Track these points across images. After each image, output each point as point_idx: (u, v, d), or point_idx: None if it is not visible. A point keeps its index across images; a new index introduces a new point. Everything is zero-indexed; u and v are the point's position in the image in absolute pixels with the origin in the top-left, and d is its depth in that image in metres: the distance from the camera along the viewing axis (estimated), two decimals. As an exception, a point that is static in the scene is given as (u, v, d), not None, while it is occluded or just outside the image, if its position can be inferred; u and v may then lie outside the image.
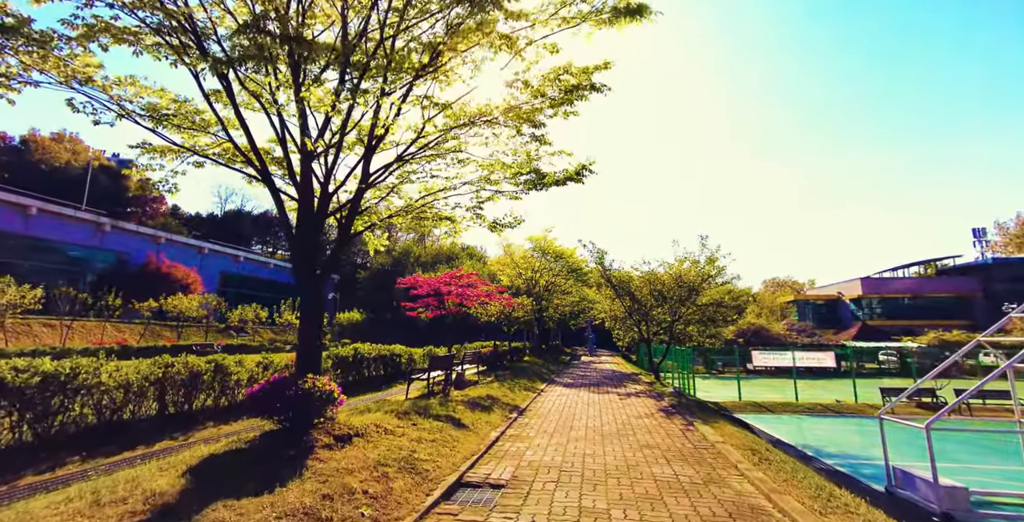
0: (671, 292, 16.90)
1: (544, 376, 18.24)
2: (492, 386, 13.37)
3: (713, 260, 16.87)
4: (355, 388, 12.87)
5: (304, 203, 6.04)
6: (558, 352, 39.10)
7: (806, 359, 21.75)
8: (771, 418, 17.96)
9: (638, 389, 15.17)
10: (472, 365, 16.43)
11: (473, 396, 11.20)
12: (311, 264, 6.16)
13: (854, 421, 17.51)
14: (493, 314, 19.31)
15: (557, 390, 14.43)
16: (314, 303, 6.28)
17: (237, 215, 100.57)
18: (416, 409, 8.56)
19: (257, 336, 50.65)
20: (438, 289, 13.20)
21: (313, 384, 5.46)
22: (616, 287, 17.99)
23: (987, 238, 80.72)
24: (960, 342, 38.65)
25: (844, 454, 12.16)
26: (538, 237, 29.55)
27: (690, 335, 18.07)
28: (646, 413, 10.27)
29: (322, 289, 6.38)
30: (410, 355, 16.60)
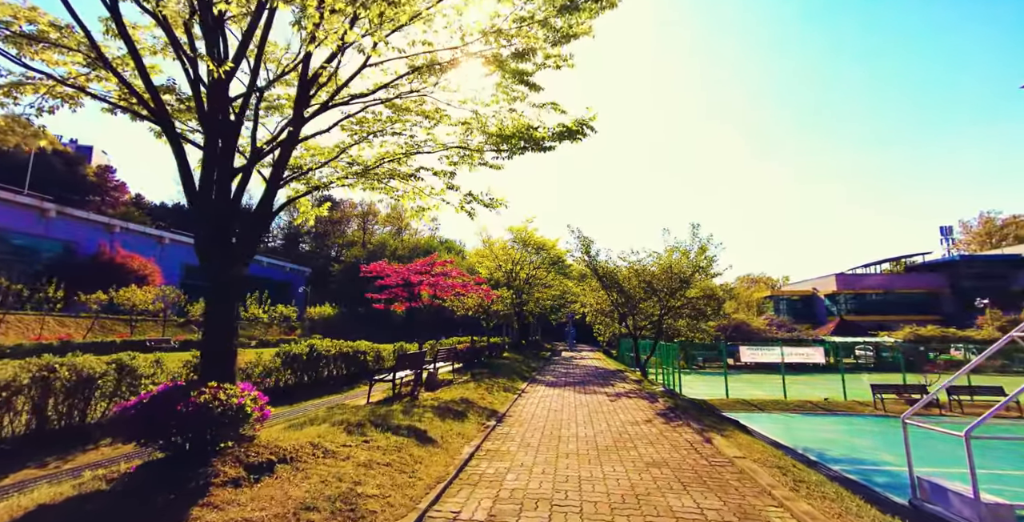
0: (661, 284, 15.77)
1: (525, 374, 16.92)
2: (468, 387, 11.96)
3: (704, 249, 15.80)
4: (310, 390, 11.28)
5: (212, 150, 4.48)
6: (538, 347, 37.93)
7: (794, 355, 21.06)
8: (763, 417, 17.10)
9: (627, 388, 13.99)
10: (446, 363, 14.99)
11: (445, 399, 9.77)
12: (223, 235, 4.62)
13: (847, 420, 16.77)
14: (471, 307, 17.86)
15: (540, 390, 13.13)
16: (226, 288, 4.75)
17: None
18: (374, 418, 7.08)
19: (221, 331, 47.99)
20: (408, 279, 11.66)
21: (215, 395, 3.95)
22: (602, 278, 16.76)
23: (953, 236, 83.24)
24: (934, 337, 39.10)
25: (849, 458, 11.21)
26: (519, 227, 28.21)
27: (679, 330, 17.00)
28: (643, 418, 9.02)
29: (240, 269, 4.86)
30: (377, 352, 15.03)
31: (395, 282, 11.82)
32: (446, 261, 12.11)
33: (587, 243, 16.88)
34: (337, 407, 9.04)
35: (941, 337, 38.29)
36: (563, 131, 5.57)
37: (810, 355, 20.91)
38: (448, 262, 12.15)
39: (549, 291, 30.38)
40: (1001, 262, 62.73)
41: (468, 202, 6.51)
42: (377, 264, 11.53)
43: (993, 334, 37.47)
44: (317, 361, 11.57)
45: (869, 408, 18.63)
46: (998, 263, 62.63)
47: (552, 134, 5.65)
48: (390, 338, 42.75)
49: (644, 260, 16.47)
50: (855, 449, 12.26)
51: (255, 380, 9.41)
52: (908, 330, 39.60)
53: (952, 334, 37.89)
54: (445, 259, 12.31)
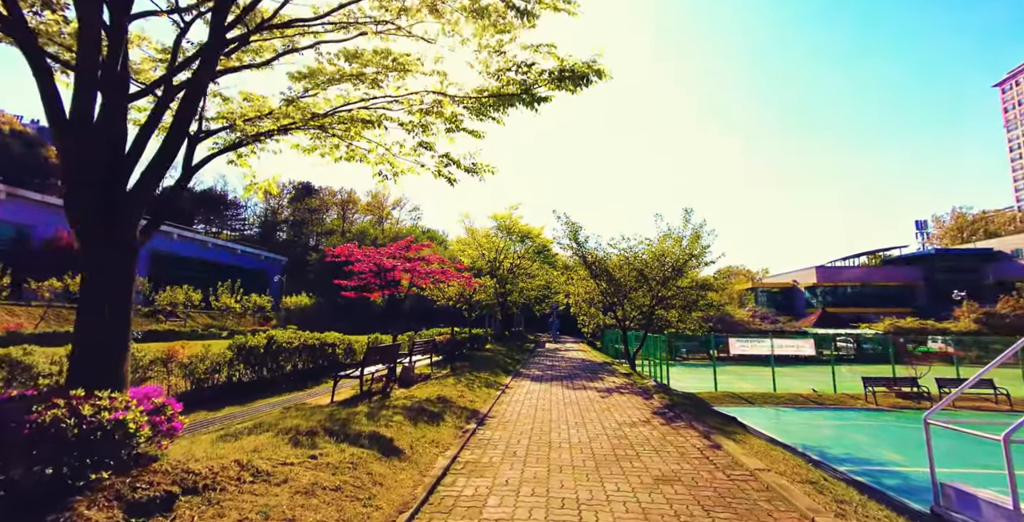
0: (653, 272, 14.88)
1: (508, 367, 15.94)
2: (447, 382, 10.90)
3: (698, 236, 14.94)
4: (269, 388, 10.06)
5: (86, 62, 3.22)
6: (522, 339, 37.07)
7: (785, 347, 20.54)
8: (754, 412, 16.48)
9: (617, 383, 13.12)
10: (424, 356, 13.89)
11: (420, 398, 8.69)
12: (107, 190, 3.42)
13: (840, 414, 16.26)
14: (452, 296, 16.76)
15: (525, 385, 12.15)
16: (110, 267, 3.54)
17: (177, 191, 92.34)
18: (331, 423, 5.97)
19: (190, 321, 45.90)
20: (381, 264, 10.47)
21: (75, 409, 2.80)
22: (591, 266, 15.82)
23: (928, 230, 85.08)
24: (913, 329, 39.50)
25: (852, 458, 10.54)
26: (503, 215, 27.06)
27: (669, 321, 16.20)
28: (641, 418, 8.09)
29: (128, 236, 3.66)
30: (349, 345, 13.81)
31: (367, 268, 10.62)
32: (423, 245, 10.94)
33: (575, 229, 15.88)
34: (294, 408, 7.88)
35: (920, 329, 38.65)
36: (563, 73, 4.43)
37: (801, 347, 20.42)
38: (426, 246, 10.98)
39: (533, 281, 29.41)
40: (974, 256, 64.13)
41: (446, 165, 5.38)
42: (344, 247, 10.30)
43: (970, 326, 38.03)
44: (277, 354, 10.34)
45: (860, 401, 18.22)
46: (971, 257, 64.02)
47: (549, 77, 4.52)
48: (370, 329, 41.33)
49: (635, 247, 15.57)
50: (856, 447, 11.62)
51: (200, 376, 8.17)
52: (888, 322, 39.92)
53: (931, 326, 38.29)
54: (423, 242, 11.15)
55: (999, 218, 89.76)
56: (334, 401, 8.72)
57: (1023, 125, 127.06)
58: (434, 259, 11.94)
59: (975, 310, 38.83)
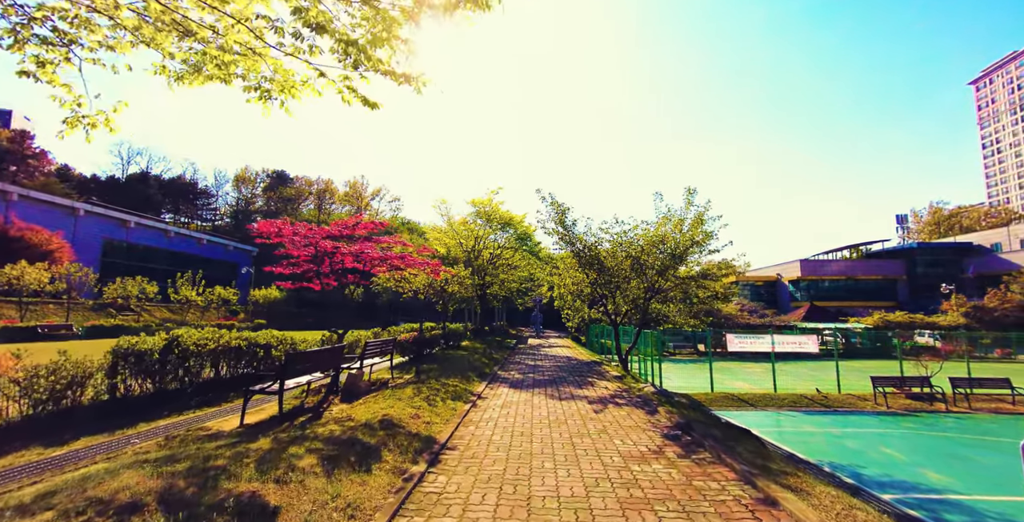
0: (650, 260, 12.95)
1: (484, 369, 13.87)
2: (403, 393, 8.78)
3: (701, 219, 13.04)
4: (169, 404, 7.76)
5: None
6: (503, 334, 35.04)
7: (786, 344, 18.87)
8: (758, 417, 14.79)
9: (611, 388, 11.17)
10: (384, 358, 11.72)
11: (359, 420, 6.55)
12: None
13: (854, 420, 14.62)
14: (419, 287, 14.61)
15: (502, 394, 10.09)
16: None
17: (143, 178, 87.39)
18: (188, 480, 3.80)
19: (145, 315, 42.65)
20: (317, 245, 8.22)
21: None
22: (579, 253, 13.83)
23: (907, 224, 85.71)
24: (902, 323, 38.76)
25: (892, 480, 8.78)
26: (483, 200, 24.84)
27: (667, 315, 14.33)
28: (650, 447, 6.11)
29: None
30: (292, 346, 11.54)
31: (302, 251, 8.37)
32: (373, 222, 8.71)
33: (561, 211, 13.81)
34: (179, 439, 5.69)
35: (909, 323, 37.90)
36: None
37: (803, 344, 18.80)
38: (378, 224, 8.76)
39: (516, 273, 27.35)
40: (954, 250, 64.41)
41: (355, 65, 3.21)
42: (269, 223, 8.02)
43: (958, 320, 37.39)
44: (183, 360, 8.05)
45: (869, 402, 16.70)
46: (951, 251, 64.28)
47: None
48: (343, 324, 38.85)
49: (630, 232, 13.57)
50: (891, 464, 9.89)
51: (41, 396, 5.84)
52: (878, 316, 39.10)
53: (920, 320, 37.55)
54: (379, 221, 8.90)
55: (973, 213, 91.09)
56: (244, 425, 6.54)
57: (996, 122, 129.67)
58: (393, 242, 9.71)
59: (963, 304, 38.23)
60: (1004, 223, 76.17)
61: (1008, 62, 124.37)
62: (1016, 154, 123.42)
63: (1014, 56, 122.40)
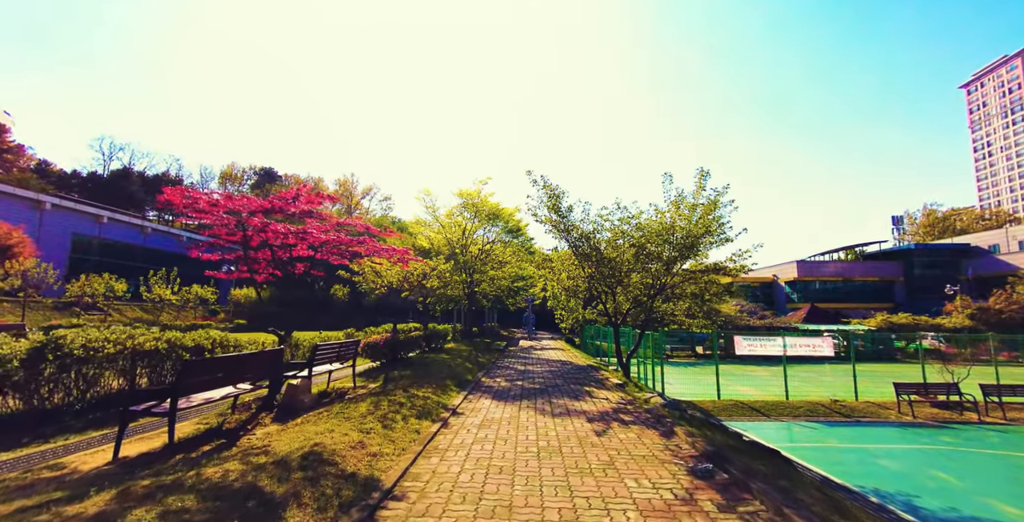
0: (658, 250, 11.26)
1: (466, 376, 12.10)
2: (357, 409, 7.00)
3: (716, 204, 11.39)
4: (44, 426, 5.94)
5: None
6: (493, 336, 33.22)
7: (799, 346, 17.34)
8: (773, 428, 13.19)
9: (612, 400, 9.44)
10: (343, 362, 9.92)
11: (276, 454, 4.76)
12: None
13: (881, 433, 13.02)
14: (393, 282, 12.82)
15: (482, 408, 8.34)
16: None
17: (125, 174, 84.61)
18: None
19: (115, 315, 40.32)
20: (243, 223, 6.43)
21: None
22: (575, 244, 12.11)
23: (903, 226, 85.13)
24: (906, 325, 37.45)
25: (961, 517, 7.18)
26: (470, 192, 23.06)
27: (674, 315, 12.63)
28: (676, 496, 4.38)
29: None
30: (238, 352, 9.70)
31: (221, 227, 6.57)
32: (319, 195, 6.93)
33: (555, 196, 12.06)
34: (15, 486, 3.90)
35: (913, 325, 36.62)
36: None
37: (818, 347, 17.25)
38: (324, 196, 6.97)
39: (506, 269, 25.58)
40: (951, 251, 63.64)
41: None
42: (178, 189, 6.21)
43: (964, 322, 36.18)
44: (64, 369, 6.23)
45: (892, 412, 15.16)
46: (949, 252, 63.51)
47: None
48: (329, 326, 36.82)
49: (634, 219, 11.82)
50: (947, 492, 8.25)
51: None
52: (880, 318, 37.81)
53: (924, 322, 36.28)
54: (330, 193, 7.09)
55: (966, 215, 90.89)
56: (117, 460, 4.75)
57: (987, 126, 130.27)
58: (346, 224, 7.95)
59: (968, 305, 37.03)
60: (999, 225, 75.78)
61: (999, 66, 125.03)
62: (1007, 157, 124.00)
63: (1005, 60, 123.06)
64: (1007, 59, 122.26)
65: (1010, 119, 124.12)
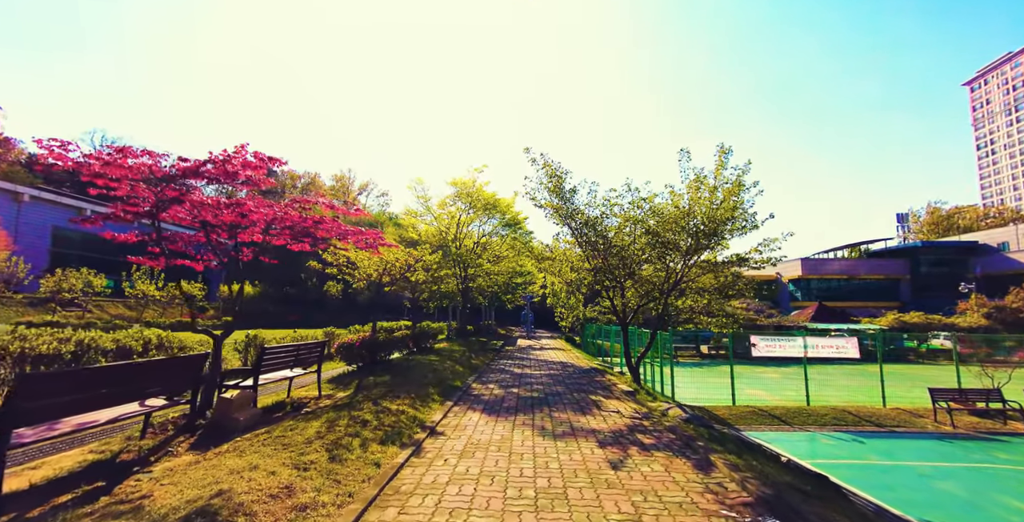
0: (677, 237, 9.73)
1: (454, 382, 10.59)
2: (306, 430, 5.49)
3: (740, 185, 9.88)
4: None
5: None
6: (490, 334, 31.71)
7: (821, 347, 15.87)
8: (801, 441, 11.71)
9: (625, 414, 7.94)
10: (305, 368, 8.41)
11: (152, 514, 3.25)
12: None
13: (920, 445, 11.52)
14: (372, 274, 11.28)
15: (467, 426, 6.82)
16: None
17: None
18: None
19: (96, 311, 38.72)
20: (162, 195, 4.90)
21: None
22: (579, 231, 10.58)
23: (908, 223, 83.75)
24: (918, 324, 36.06)
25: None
26: (464, 180, 21.52)
27: (694, 311, 11.10)
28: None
29: None
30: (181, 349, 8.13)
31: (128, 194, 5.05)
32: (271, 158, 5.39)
33: (557, 176, 10.51)
34: None
35: (926, 324, 35.22)
36: None
37: (842, 348, 15.79)
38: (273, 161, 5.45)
39: (504, 264, 24.04)
40: (959, 249, 62.24)
41: None
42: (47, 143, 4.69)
43: (979, 321, 34.80)
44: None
45: (927, 420, 13.70)
46: (957, 250, 62.11)
47: None
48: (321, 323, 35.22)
49: (646, 204, 10.28)
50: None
51: None
52: (892, 317, 36.40)
53: (938, 321, 34.88)
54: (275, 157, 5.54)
55: (970, 213, 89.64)
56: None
57: (990, 123, 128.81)
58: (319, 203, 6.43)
59: (984, 304, 35.62)
60: (1004, 223, 74.40)
61: (1003, 63, 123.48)
62: (1010, 155, 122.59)
63: (1010, 57, 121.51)
64: (1012, 56, 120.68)
65: (1014, 116, 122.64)
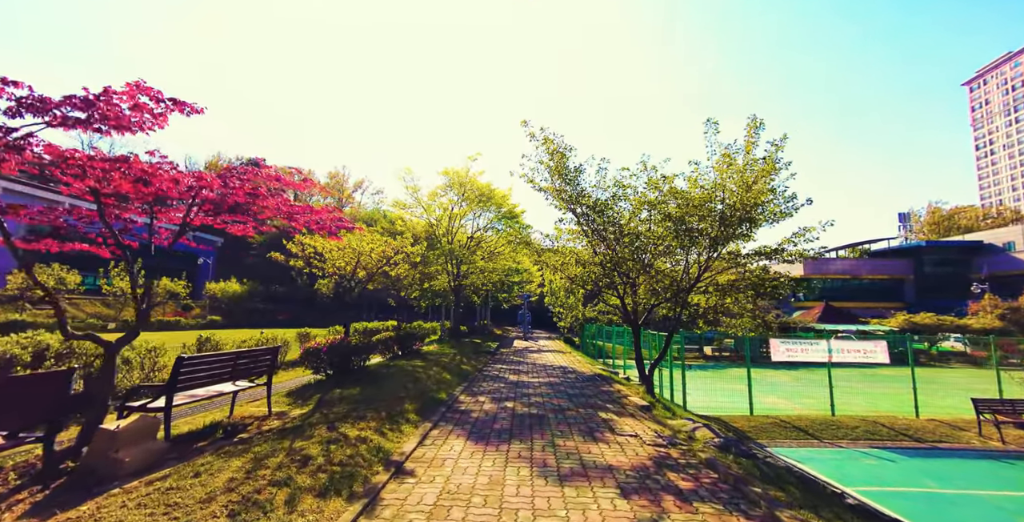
0: (704, 225, 8.20)
1: (438, 394, 9.02)
2: (220, 474, 3.89)
3: (771, 166, 8.37)
4: None
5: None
6: (485, 335, 30.12)
7: (848, 351, 14.40)
8: (836, 459, 10.22)
9: (645, 439, 6.40)
10: (251, 380, 6.84)
11: None
12: None
13: (980, 467, 10.04)
14: (341, 265, 9.70)
15: (446, 461, 5.26)
16: None
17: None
18: None
19: (71, 309, 36.88)
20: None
21: None
22: (585, 218, 9.04)
23: (910, 223, 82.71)
24: (930, 325, 34.76)
25: None
26: (457, 170, 19.96)
27: (724, 311, 9.55)
28: None
29: None
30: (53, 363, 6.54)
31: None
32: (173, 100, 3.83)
33: (560, 152, 8.94)
34: None
35: (937, 325, 33.90)
36: None
37: (870, 352, 14.31)
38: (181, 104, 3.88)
39: (500, 261, 22.47)
40: (964, 249, 61.14)
41: None
42: None
43: (993, 322, 33.50)
44: None
45: (970, 434, 12.23)
46: (961, 250, 61.00)
47: None
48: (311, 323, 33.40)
49: (665, 185, 8.72)
50: None
51: None
52: (902, 317, 35.06)
53: (950, 323, 33.56)
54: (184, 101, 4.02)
55: (971, 213, 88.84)
56: None
57: (989, 123, 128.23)
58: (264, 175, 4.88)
59: (997, 304, 34.32)
60: (1005, 223, 73.47)
61: (1003, 62, 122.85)
62: (1009, 155, 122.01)
63: (1009, 56, 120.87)
64: (1011, 55, 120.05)
65: (1013, 117, 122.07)
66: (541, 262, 11.26)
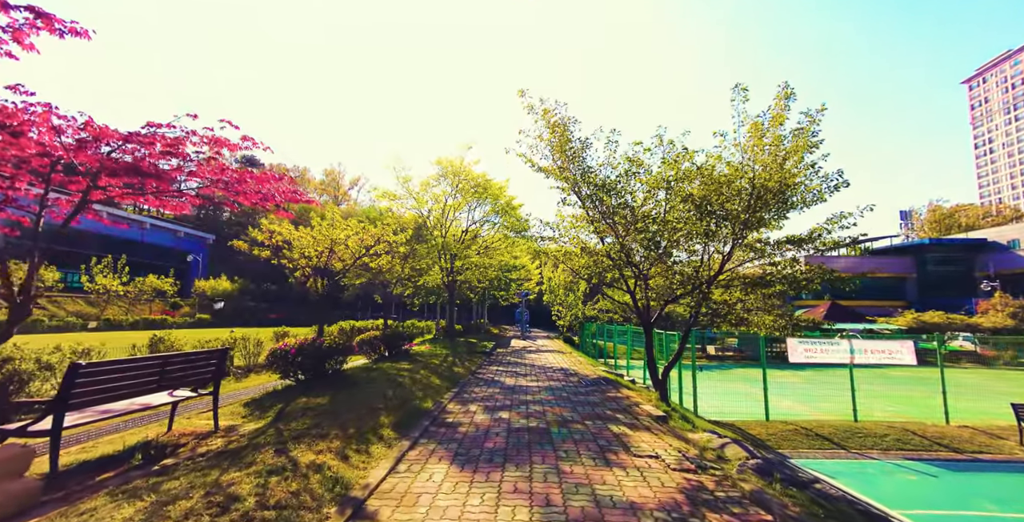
0: (733, 206, 7.04)
1: (422, 402, 7.86)
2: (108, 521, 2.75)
3: (806, 141, 7.25)
4: None
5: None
6: (481, 334, 28.96)
7: (871, 352, 13.30)
8: (872, 473, 9.16)
9: (667, 461, 5.28)
10: (194, 389, 5.67)
11: None
12: None
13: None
14: (311, 254, 8.58)
15: (421, 495, 4.12)
16: None
17: (94, 161, 79.27)
18: None
19: (51, 308, 35.55)
20: None
21: None
22: (591, 201, 7.91)
23: (911, 221, 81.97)
24: (939, 324, 33.83)
25: None
26: (451, 159, 18.79)
27: (748, 309, 8.39)
28: None
29: None
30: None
31: None
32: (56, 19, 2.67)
33: (560, 126, 7.77)
34: None
35: (946, 324, 32.95)
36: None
37: (895, 353, 13.22)
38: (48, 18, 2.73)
39: (496, 256, 21.34)
40: (967, 247, 60.35)
41: None
42: None
43: (1005, 321, 32.57)
44: None
45: (1010, 442, 11.11)
46: (965, 247, 60.20)
47: None
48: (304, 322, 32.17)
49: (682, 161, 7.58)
50: None
51: None
52: (910, 316, 34.12)
53: (960, 321, 32.61)
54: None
55: (971, 211, 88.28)
56: None
57: (989, 122, 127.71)
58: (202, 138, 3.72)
59: (1008, 303, 33.39)
60: (1006, 221, 72.77)
61: (1003, 61, 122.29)
62: (1008, 154, 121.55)
63: (1008, 55, 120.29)
64: (1011, 54, 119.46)
65: (1012, 115, 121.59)
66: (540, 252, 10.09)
